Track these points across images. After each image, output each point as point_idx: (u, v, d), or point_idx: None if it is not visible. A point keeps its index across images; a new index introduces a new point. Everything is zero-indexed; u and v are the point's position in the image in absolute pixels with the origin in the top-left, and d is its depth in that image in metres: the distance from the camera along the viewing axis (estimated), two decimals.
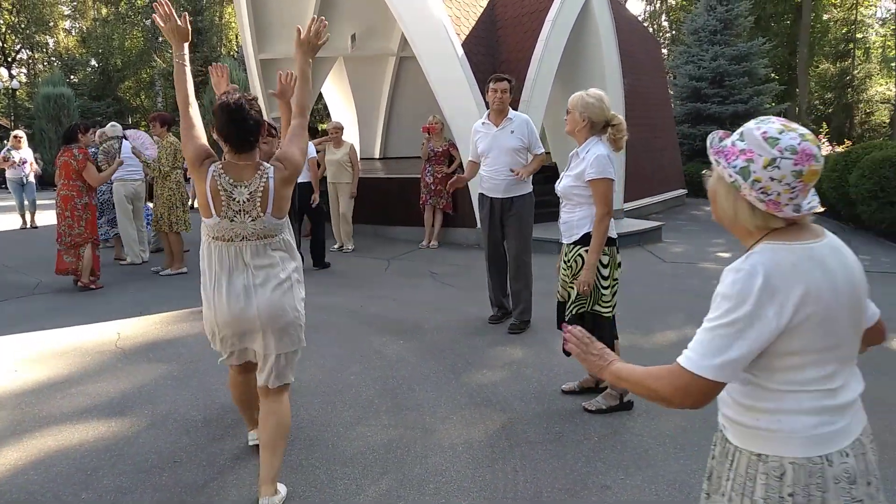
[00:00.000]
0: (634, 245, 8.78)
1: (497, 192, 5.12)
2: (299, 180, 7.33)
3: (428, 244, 8.97)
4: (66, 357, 4.70)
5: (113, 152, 7.77)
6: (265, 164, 2.66)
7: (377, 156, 15.78)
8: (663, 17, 37.39)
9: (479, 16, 10.16)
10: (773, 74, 23.92)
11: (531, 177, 5.06)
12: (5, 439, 3.41)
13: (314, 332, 5.22)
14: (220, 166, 2.60)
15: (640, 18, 34.85)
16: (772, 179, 1.36)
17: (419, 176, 9.07)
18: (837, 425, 1.40)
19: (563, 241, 3.76)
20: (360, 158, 13.64)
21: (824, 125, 26.69)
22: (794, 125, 1.40)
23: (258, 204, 2.59)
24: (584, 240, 3.59)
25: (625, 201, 10.93)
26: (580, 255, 3.60)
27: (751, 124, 1.43)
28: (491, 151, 5.04)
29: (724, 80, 17.56)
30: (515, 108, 8.94)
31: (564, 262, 3.70)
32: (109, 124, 8.49)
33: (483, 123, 5.18)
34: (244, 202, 2.57)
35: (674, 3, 36.25)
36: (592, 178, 3.48)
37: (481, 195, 5.29)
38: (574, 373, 4.06)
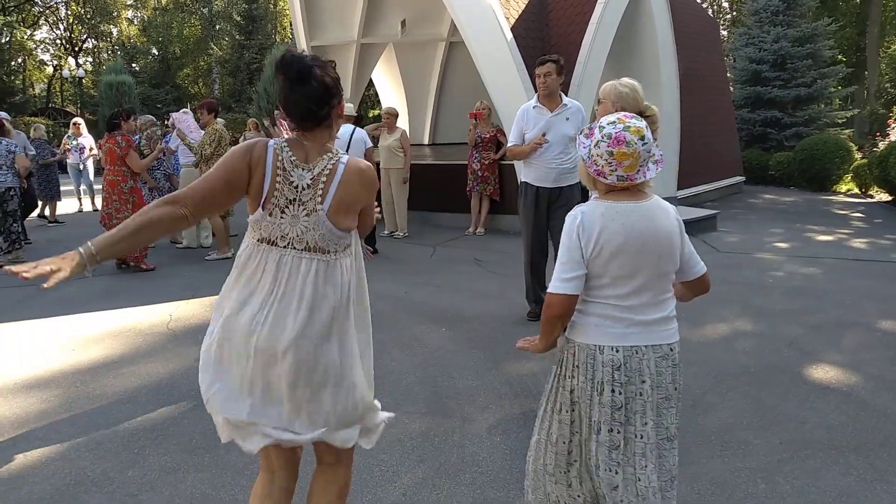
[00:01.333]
0: (688, 234, 8.52)
1: (546, 182, 4.87)
2: None
3: (475, 231, 8.93)
4: (119, 338, 4.87)
5: (155, 138, 8.00)
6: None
7: (426, 142, 15.79)
8: None
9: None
10: (840, 56, 22.85)
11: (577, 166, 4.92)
12: (60, 417, 3.55)
13: None
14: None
15: None
16: (597, 156, 1.98)
17: (466, 162, 9.02)
18: (614, 329, 2.00)
19: None
20: (410, 144, 13.64)
21: (895, 108, 25.35)
22: (631, 120, 1.97)
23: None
24: None
25: (678, 189, 10.64)
26: None
27: (604, 118, 2.02)
28: (550, 136, 4.76)
29: (787, 62, 16.83)
30: (566, 92, 8.87)
31: None
32: (146, 116, 8.83)
33: (535, 107, 4.87)
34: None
35: None
36: None
37: (525, 184, 5.04)
38: None
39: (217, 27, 34.69)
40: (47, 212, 11.02)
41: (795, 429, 3.31)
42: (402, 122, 15.25)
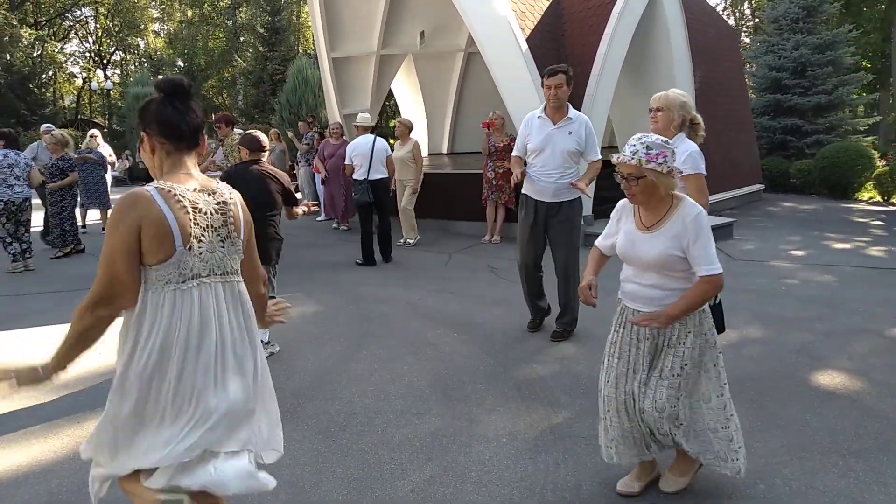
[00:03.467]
0: None
1: (545, 196, 4.75)
2: (375, 177, 7.67)
3: (490, 239, 9.05)
4: None
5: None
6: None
7: (445, 151, 15.96)
8: (745, 4, 35.86)
9: (544, 10, 10.12)
10: (864, 63, 22.57)
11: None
12: (88, 416, 3.72)
13: (373, 323, 5.43)
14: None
15: (720, 6, 33.62)
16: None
17: (482, 171, 9.15)
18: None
19: None
20: (429, 154, 13.77)
21: None
22: (648, 137, 2.54)
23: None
24: None
25: None
26: None
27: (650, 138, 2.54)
28: (544, 150, 4.67)
29: (807, 70, 16.73)
30: (580, 102, 8.96)
31: None
32: None
33: (539, 117, 4.74)
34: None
35: None
36: (688, 173, 3.45)
37: (525, 196, 4.89)
38: None
39: (241, 39, 35.30)
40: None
41: (797, 432, 3.37)
42: (421, 132, 15.48)
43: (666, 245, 2.54)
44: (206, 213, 1.90)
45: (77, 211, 9.19)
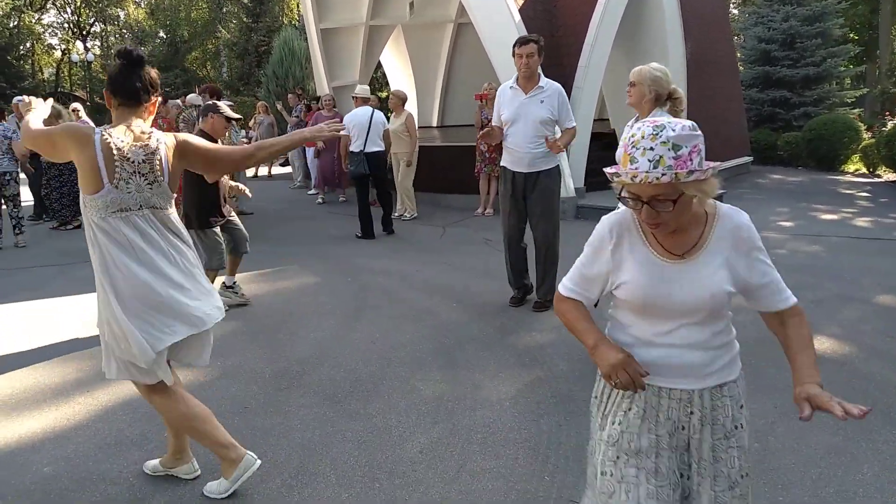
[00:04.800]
0: None
1: (520, 166, 4.74)
2: (371, 149, 7.66)
3: (483, 212, 9.10)
4: None
5: (192, 120, 8.20)
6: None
7: (435, 124, 15.90)
8: None
9: None
10: (852, 35, 22.64)
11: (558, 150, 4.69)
12: (96, 385, 3.78)
13: (371, 294, 5.49)
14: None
15: None
16: None
17: (475, 144, 9.16)
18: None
19: None
20: (419, 127, 13.68)
21: None
22: (666, 130, 1.47)
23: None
24: None
25: None
26: None
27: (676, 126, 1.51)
28: (517, 121, 4.65)
29: (796, 41, 16.77)
30: (573, 73, 8.96)
31: None
32: (192, 95, 9.05)
33: (511, 88, 4.72)
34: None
35: None
36: None
37: (503, 168, 4.92)
38: None
39: (224, 10, 34.70)
40: None
41: (790, 394, 3.46)
42: (411, 104, 15.39)
43: (718, 277, 1.63)
44: (132, 161, 2.35)
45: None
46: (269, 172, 15.18)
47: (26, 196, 8.76)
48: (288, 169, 14.52)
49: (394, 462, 2.91)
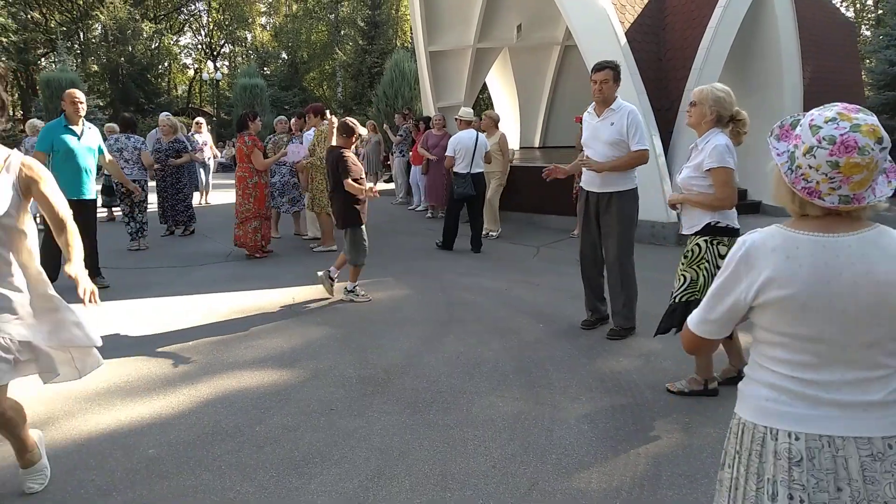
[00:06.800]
0: None
1: (593, 186, 4.80)
2: (476, 170, 7.89)
3: (579, 233, 8.99)
4: (248, 315, 5.44)
5: (281, 144, 8.75)
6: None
7: (537, 145, 15.93)
8: None
9: (645, 3, 9.93)
10: None
11: (634, 172, 4.73)
12: (199, 378, 4.09)
13: (460, 309, 5.59)
14: None
15: None
16: (810, 167, 1.38)
17: None
18: (793, 408, 1.45)
19: (684, 232, 3.83)
20: (521, 147, 13.73)
21: None
22: (858, 115, 1.38)
23: None
24: (705, 230, 3.64)
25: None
26: (698, 244, 3.67)
27: (813, 111, 1.45)
28: (591, 143, 4.80)
29: None
30: (679, 97, 8.75)
31: (683, 252, 3.75)
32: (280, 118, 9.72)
33: (588, 112, 4.93)
34: None
35: None
36: (711, 166, 3.52)
37: (581, 187, 5.04)
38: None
39: (342, 32, 36.40)
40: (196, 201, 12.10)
41: None
42: (514, 125, 15.52)
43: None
44: None
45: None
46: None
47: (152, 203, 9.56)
48: (391, 185, 14.98)
49: (466, 474, 2.96)
